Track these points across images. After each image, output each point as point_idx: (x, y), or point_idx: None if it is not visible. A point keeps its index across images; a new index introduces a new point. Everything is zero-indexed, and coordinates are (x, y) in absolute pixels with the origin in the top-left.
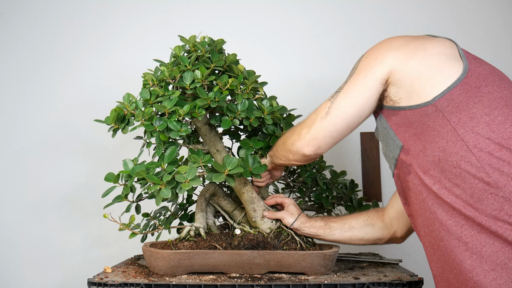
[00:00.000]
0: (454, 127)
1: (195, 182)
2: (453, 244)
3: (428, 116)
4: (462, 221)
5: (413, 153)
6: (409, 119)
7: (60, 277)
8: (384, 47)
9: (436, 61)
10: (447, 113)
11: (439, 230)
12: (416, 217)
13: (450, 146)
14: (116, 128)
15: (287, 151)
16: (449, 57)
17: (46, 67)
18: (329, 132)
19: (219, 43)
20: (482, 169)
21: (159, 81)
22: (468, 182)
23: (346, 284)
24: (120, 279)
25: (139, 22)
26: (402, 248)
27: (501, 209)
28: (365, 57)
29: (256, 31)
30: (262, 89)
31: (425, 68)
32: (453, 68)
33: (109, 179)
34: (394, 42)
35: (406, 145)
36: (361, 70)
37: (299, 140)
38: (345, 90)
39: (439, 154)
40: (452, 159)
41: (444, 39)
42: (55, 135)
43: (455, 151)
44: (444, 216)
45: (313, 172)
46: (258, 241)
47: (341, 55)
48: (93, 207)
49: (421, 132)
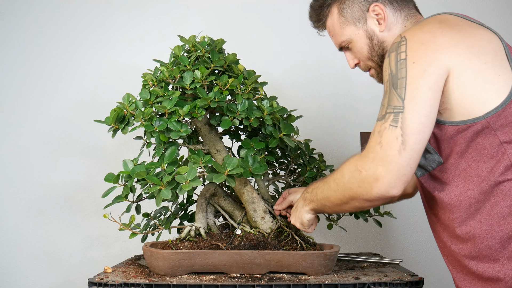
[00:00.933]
0: (505, 147)
1: (195, 183)
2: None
3: (478, 134)
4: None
5: (452, 172)
6: (452, 134)
7: (61, 277)
8: (431, 46)
9: (491, 72)
10: (500, 132)
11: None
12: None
13: (497, 166)
14: (116, 128)
15: (360, 202)
16: (502, 66)
17: (46, 67)
18: (415, 161)
19: (219, 43)
20: None
21: (159, 81)
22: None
23: (347, 284)
24: (120, 279)
25: (139, 22)
26: (402, 248)
27: None
28: (412, 61)
29: (256, 31)
30: (262, 89)
31: (481, 81)
32: (505, 80)
33: (109, 179)
34: (438, 39)
35: (447, 162)
36: (418, 80)
37: (377, 184)
38: (412, 110)
39: (485, 174)
40: (496, 179)
41: (490, 34)
42: (55, 135)
43: (500, 170)
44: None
45: (314, 172)
46: (258, 241)
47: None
48: (93, 207)
49: (466, 149)
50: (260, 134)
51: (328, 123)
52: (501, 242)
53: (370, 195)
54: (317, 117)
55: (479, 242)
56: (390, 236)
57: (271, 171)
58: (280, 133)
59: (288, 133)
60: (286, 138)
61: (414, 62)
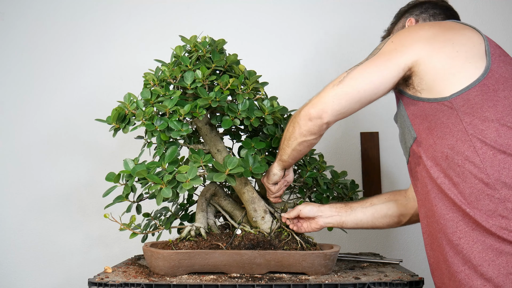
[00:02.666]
0: (465, 127)
1: (195, 182)
2: (447, 238)
3: (443, 112)
4: (460, 217)
5: (424, 146)
6: (425, 111)
7: (61, 277)
8: (413, 35)
9: (462, 59)
10: (461, 112)
11: (437, 222)
12: (420, 207)
13: (458, 145)
14: (117, 127)
15: (294, 126)
16: (475, 56)
17: (46, 67)
18: (338, 99)
19: (220, 43)
20: (484, 170)
21: (160, 81)
22: (469, 181)
23: (347, 284)
24: (120, 279)
25: (140, 22)
26: (402, 248)
27: (495, 210)
28: (391, 41)
29: (257, 31)
30: (263, 89)
31: (450, 65)
32: (476, 68)
33: (109, 178)
34: (423, 32)
35: (419, 137)
36: (385, 52)
37: (306, 105)
38: (364, 65)
39: (447, 151)
40: (458, 158)
41: (474, 33)
42: (56, 134)
43: (462, 150)
44: (443, 210)
45: (314, 172)
46: (258, 241)
47: (341, 55)
48: (94, 207)
49: (434, 126)
50: (261, 135)
51: None
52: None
53: (299, 116)
54: None
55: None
56: (390, 236)
57: None
58: (282, 133)
59: None
60: None
61: (392, 41)
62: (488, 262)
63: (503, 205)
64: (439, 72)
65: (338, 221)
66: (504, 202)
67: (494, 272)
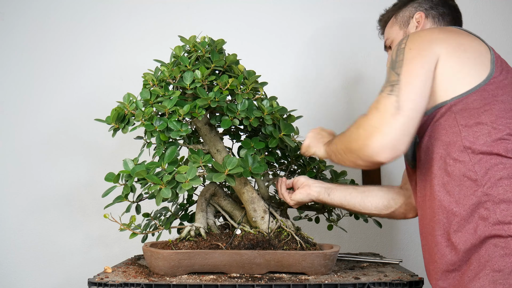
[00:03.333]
0: (460, 129)
1: (195, 182)
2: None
3: (442, 115)
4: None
5: (422, 150)
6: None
7: (61, 277)
8: (427, 38)
9: (470, 65)
10: (459, 116)
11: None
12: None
13: (451, 145)
14: (116, 127)
15: (355, 157)
16: (481, 64)
17: (46, 67)
18: (407, 129)
19: (219, 43)
20: (472, 167)
21: (159, 81)
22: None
23: (347, 284)
24: (120, 279)
25: (139, 22)
26: (402, 248)
27: (478, 202)
28: (409, 48)
29: (256, 31)
30: (262, 89)
31: (459, 69)
32: (478, 75)
33: (109, 179)
34: (435, 35)
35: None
36: (413, 60)
37: (368, 144)
38: (406, 82)
39: (441, 151)
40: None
41: (481, 42)
42: (56, 135)
43: (454, 150)
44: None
45: (314, 173)
46: (258, 241)
47: (341, 55)
48: (94, 207)
49: (433, 129)
50: (260, 135)
51: (328, 123)
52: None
53: (362, 153)
54: (317, 117)
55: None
56: (390, 236)
57: (271, 171)
58: (280, 133)
59: (288, 133)
60: (286, 138)
61: (411, 48)
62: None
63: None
64: (447, 76)
65: (327, 188)
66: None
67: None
